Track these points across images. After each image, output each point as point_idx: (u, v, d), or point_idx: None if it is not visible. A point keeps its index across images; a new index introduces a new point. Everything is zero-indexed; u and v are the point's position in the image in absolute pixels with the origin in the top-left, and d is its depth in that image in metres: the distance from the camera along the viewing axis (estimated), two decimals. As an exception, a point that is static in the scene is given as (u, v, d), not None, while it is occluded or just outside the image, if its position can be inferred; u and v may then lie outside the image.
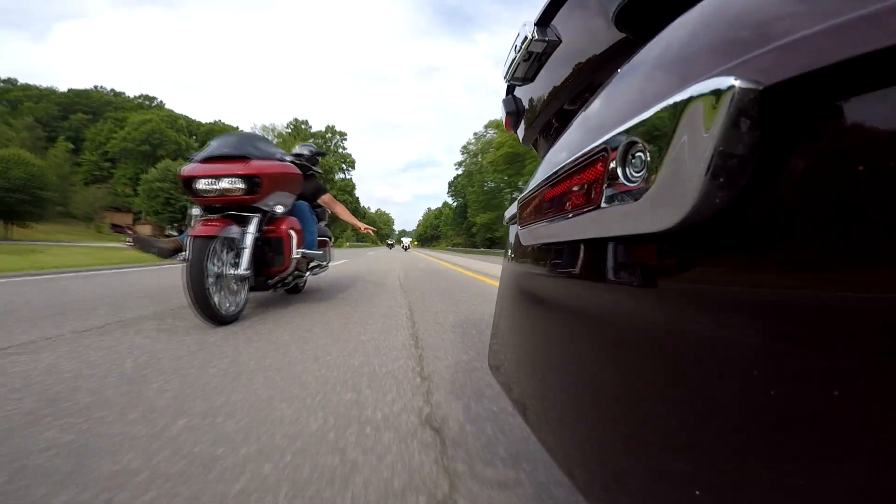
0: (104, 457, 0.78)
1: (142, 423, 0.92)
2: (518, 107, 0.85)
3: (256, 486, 0.71)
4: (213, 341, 1.73)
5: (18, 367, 1.29)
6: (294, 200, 2.71)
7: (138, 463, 0.76)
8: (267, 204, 2.35)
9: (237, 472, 0.74)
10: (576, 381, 0.40)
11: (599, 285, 0.37)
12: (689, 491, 0.25)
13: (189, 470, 0.75)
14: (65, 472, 0.72)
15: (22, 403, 1.02)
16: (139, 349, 1.55)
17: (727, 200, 0.23)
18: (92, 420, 0.93)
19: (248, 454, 0.81)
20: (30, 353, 1.46)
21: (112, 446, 0.82)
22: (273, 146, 2.60)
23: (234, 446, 0.83)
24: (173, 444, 0.83)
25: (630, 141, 0.30)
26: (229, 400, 1.08)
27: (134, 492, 0.68)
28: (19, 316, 2.09)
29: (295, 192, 2.65)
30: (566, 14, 0.58)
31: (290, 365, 1.42)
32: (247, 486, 0.71)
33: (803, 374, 0.19)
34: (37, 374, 1.23)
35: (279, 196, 2.43)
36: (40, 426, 0.89)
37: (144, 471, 0.74)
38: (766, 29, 0.23)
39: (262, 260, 2.40)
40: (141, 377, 1.24)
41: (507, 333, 0.65)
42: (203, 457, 0.79)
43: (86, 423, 0.92)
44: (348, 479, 0.74)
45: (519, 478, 0.77)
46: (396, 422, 0.99)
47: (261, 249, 2.37)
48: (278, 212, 2.47)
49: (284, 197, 2.51)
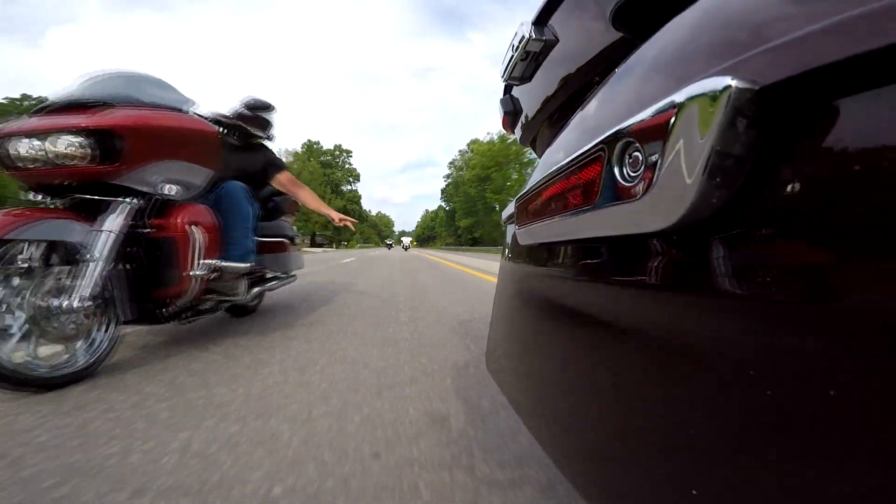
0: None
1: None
2: (516, 106, 0.85)
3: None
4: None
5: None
6: (209, 178, 1.66)
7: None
8: (145, 181, 1.37)
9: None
10: (573, 381, 0.40)
11: (597, 285, 0.37)
12: (686, 491, 0.25)
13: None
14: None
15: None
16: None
17: (724, 200, 0.23)
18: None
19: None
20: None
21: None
22: (174, 91, 1.60)
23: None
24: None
25: (627, 141, 0.30)
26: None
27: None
28: None
29: (207, 165, 1.63)
30: (563, 14, 0.58)
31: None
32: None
33: (802, 373, 0.19)
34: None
35: (169, 168, 1.45)
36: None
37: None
38: (763, 29, 0.23)
39: (148, 275, 1.44)
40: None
41: (505, 333, 0.65)
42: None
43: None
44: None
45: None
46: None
47: (142, 259, 1.43)
48: (170, 195, 1.46)
49: (182, 171, 1.51)
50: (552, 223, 0.43)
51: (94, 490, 0.69)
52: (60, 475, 0.73)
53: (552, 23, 0.60)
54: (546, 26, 0.60)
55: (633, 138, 0.29)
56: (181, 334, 1.86)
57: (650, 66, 0.34)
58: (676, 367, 0.27)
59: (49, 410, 1.01)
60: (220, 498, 0.68)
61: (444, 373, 1.36)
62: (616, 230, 0.31)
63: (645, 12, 0.42)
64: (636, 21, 0.43)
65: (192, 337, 1.82)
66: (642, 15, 0.42)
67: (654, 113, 0.27)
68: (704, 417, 0.24)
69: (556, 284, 0.46)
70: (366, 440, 0.89)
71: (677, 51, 0.31)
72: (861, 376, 0.17)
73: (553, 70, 0.64)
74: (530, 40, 0.60)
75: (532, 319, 0.54)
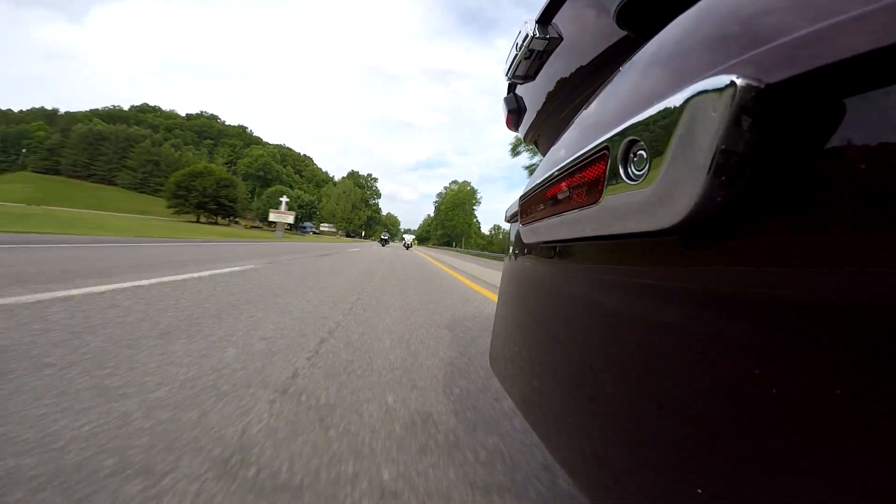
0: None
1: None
2: (519, 105, 0.85)
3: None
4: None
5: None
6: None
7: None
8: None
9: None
10: (578, 380, 0.40)
11: (601, 283, 0.37)
12: (691, 490, 0.25)
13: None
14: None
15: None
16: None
17: (728, 198, 0.23)
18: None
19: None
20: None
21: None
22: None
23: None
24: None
25: (632, 139, 0.30)
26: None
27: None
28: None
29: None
30: (568, 12, 0.58)
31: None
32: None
33: (804, 372, 0.19)
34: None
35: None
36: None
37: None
38: (768, 27, 0.23)
39: None
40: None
41: (509, 331, 0.65)
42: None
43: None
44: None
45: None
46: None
47: None
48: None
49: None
50: (556, 221, 0.43)
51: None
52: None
53: (556, 21, 0.60)
54: (550, 25, 0.60)
55: (637, 136, 0.29)
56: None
57: (654, 65, 0.34)
58: (681, 365, 0.27)
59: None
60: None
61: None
62: (620, 228, 0.31)
63: (649, 10, 0.42)
64: (640, 19, 0.43)
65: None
66: (647, 13, 0.42)
67: (659, 111, 0.27)
68: (708, 416, 0.24)
69: (560, 283, 0.46)
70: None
71: (682, 49, 0.30)
72: (863, 375, 0.17)
73: (557, 68, 0.64)
74: (534, 39, 0.60)
75: (535, 317, 0.54)
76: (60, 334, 1.30)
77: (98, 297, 1.91)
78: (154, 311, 1.76)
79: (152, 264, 3.43)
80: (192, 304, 1.99)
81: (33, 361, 1.07)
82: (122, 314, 1.64)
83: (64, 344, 1.23)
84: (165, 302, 1.96)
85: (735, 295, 0.23)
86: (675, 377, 0.27)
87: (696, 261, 0.26)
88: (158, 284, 2.42)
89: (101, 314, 1.60)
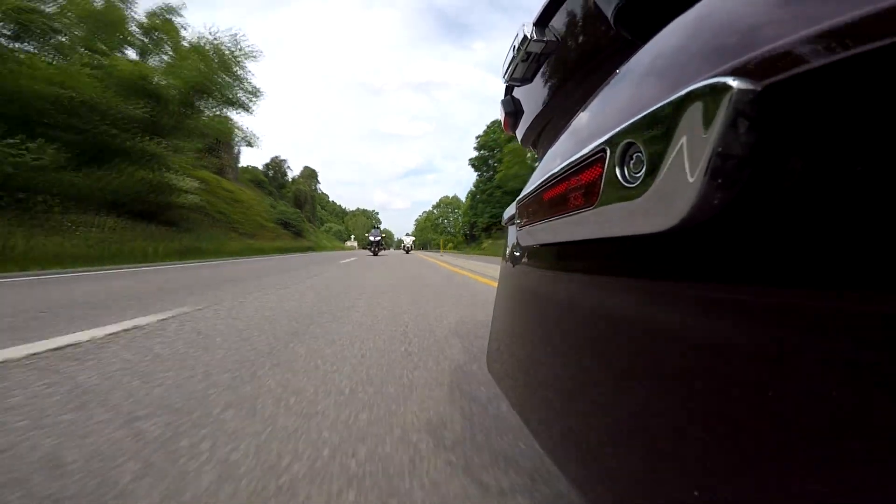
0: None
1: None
2: (517, 107, 0.85)
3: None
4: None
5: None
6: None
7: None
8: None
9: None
10: (575, 382, 0.40)
11: (598, 286, 0.37)
12: (688, 492, 0.25)
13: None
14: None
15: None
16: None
17: (725, 201, 0.23)
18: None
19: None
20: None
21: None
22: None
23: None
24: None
25: (629, 141, 0.30)
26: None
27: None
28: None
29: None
30: (565, 14, 0.58)
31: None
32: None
33: (802, 373, 0.19)
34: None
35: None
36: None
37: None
38: (765, 29, 0.23)
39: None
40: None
41: (506, 334, 0.65)
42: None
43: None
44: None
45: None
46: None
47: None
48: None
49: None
50: (554, 224, 0.42)
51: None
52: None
53: (553, 24, 0.60)
54: (547, 27, 0.60)
55: (634, 139, 0.29)
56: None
57: (652, 67, 0.34)
58: (679, 368, 0.27)
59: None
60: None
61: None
62: (618, 231, 0.31)
63: (646, 13, 0.42)
64: (637, 22, 0.43)
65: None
66: (643, 15, 0.42)
67: (656, 114, 0.27)
68: (706, 418, 0.24)
69: (557, 285, 0.46)
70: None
71: (679, 51, 0.30)
72: (862, 376, 0.17)
73: (554, 71, 0.64)
74: (531, 41, 0.60)
75: (532, 320, 0.54)
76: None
77: None
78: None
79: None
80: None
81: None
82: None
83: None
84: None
85: (732, 297, 0.23)
86: (672, 379, 0.27)
87: (693, 263, 0.26)
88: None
89: None
